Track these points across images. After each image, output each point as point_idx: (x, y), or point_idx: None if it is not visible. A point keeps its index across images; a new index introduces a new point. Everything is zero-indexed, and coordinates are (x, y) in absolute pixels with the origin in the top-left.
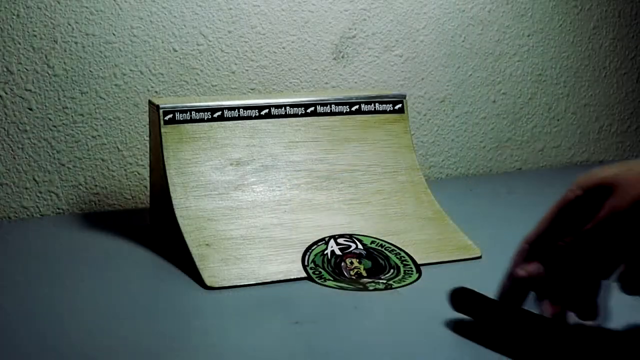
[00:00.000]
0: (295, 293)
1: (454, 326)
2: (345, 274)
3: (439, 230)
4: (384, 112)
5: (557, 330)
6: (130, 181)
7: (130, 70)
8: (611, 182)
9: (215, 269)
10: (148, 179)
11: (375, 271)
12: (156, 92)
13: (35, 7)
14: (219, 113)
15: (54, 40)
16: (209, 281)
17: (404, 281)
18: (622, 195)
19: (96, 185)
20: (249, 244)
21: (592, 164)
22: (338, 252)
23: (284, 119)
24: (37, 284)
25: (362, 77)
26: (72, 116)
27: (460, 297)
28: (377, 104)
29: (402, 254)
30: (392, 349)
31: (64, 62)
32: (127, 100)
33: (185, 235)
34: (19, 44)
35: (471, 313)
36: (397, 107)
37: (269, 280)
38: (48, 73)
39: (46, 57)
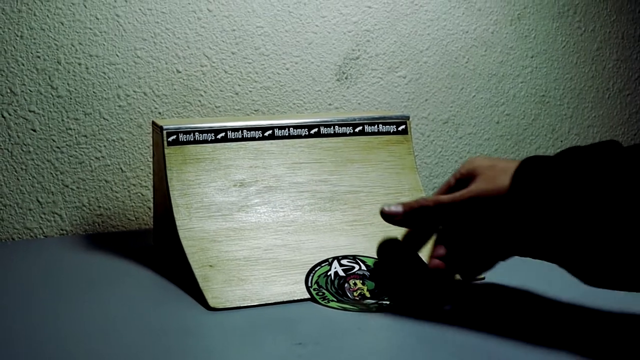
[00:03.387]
0: (298, 314)
1: (459, 346)
2: (349, 295)
3: None
4: (388, 133)
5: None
6: (134, 202)
7: (134, 91)
8: (474, 173)
9: (219, 290)
10: (151, 200)
11: (378, 292)
12: (160, 113)
13: (39, 29)
14: (222, 134)
15: (58, 62)
16: (212, 302)
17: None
18: (471, 188)
19: (100, 207)
20: (252, 265)
21: None
22: (341, 273)
23: (288, 140)
24: (40, 304)
25: (365, 98)
26: (75, 137)
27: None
28: (380, 125)
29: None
30: None
31: (68, 83)
32: (131, 121)
33: (188, 256)
34: (23, 65)
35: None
36: (400, 128)
37: (272, 302)
38: (52, 94)
39: (50, 78)
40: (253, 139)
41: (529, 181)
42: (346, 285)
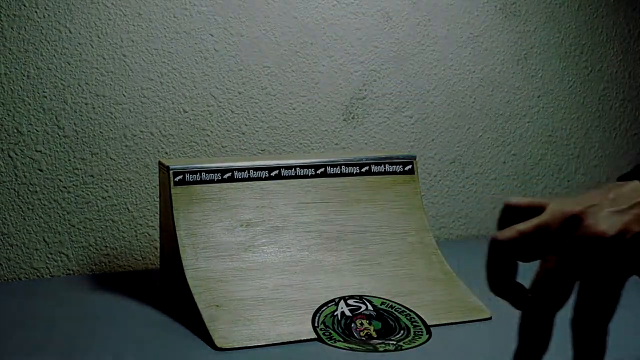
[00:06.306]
0: (305, 354)
1: None
2: (356, 335)
3: (449, 291)
4: (394, 173)
5: None
6: (141, 242)
7: (141, 131)
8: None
9: (226, 330)
10: (158, 240)
11: (385, 332)
12: (166, 153)
13: (46, 68)
14: (229, 174)
15: (65, 101)
16: (219, 342)
17: (414, 342)
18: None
19: (106, 246)
20: (259, 305)
21: None
22: (348, 313)
23: (294, 180)
24: (47, 344)
25: (372, 138)
26: (82, 177)
27: None
28: (387, 165)
29: (412, 315)
30: None
31: (74, 123)
32: (138, 161)
33: (195, 297)
34: (30, 104)
35: None
36: (407, 168)
37: (279, 342)
38: (58, 134)
39: (56, 118)
40: (259, 179)
41: None
42: (353, 325)
